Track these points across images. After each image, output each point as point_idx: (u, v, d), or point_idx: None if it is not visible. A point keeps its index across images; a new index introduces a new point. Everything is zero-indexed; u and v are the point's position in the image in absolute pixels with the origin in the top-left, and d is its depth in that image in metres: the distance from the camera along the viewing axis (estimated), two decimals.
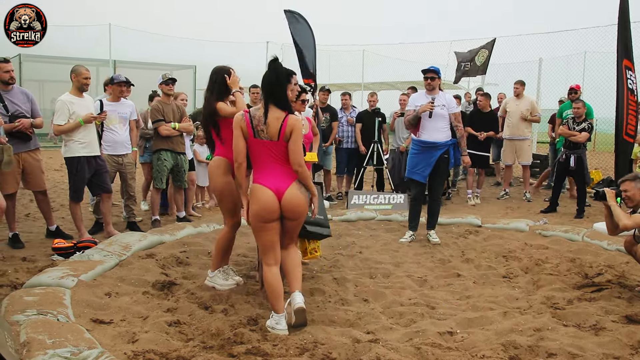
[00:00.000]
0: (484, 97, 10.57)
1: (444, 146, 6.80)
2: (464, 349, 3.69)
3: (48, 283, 4.44)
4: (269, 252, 4.05)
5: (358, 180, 10.45)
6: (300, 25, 9.61)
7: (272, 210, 3.92)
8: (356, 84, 23.75)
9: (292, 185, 3.94)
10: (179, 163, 7.58)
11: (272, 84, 3.95)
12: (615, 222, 4.83)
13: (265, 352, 3.49)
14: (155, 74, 13.65)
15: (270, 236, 4.01)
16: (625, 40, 7.74)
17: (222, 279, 4.88)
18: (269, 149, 3.93)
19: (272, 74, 3.96)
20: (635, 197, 4.77)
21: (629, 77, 7.54)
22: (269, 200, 3.90)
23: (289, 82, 4.14)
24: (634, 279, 5.28)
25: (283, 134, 3.89)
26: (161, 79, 7.44)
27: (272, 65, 3.98)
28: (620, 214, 4.72)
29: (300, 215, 4.05)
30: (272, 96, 3.95)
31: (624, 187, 4.83)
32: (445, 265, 6.04)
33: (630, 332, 3.91)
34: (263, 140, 3.92)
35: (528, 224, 7.62)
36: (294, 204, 3.95)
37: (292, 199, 3.94)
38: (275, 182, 3.93)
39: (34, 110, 6.42)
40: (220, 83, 4.80)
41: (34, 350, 3.15)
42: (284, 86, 3.99)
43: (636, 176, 4.90)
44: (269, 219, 3.94)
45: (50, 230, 6.81)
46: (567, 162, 8.87)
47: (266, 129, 3.89)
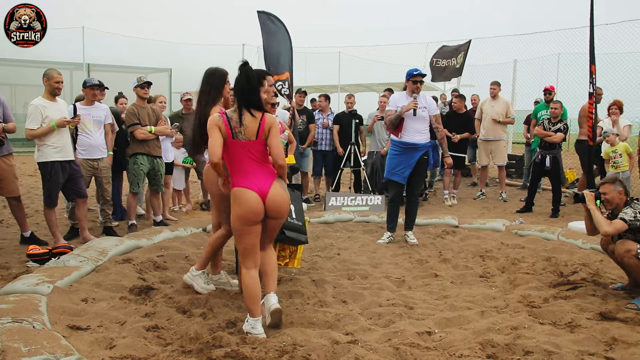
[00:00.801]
0: (459, 98, 10.67)
1: (424, 148, 6.84)
2: (442, 349, 3.71)
3: (23, 290, 4.37)
4: (250, 256, 4.02)
5: (335, 182, 10.47)
6: (275, 27, 9.57)
7: (258, 212, 3.90)
8: (333, 86, 23.81)
9: (274, 185, 3.94)
10: (156, 167, 7.53)
11: (243, 88, 3.94)
12: (594, 224, 4.89)
13: (244, 355, 3.48)
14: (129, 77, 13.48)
15: (252, 239, 3.98)
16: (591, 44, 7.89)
17: (203, 282, 4.87)
18: (248, 149, 3.93)
19: (242, 78, 3.94)
20: (614, 200, 4.83)
21: (592, 82, 7.70)
22: (254, 202, 3.87)
23: (262, 84, 4.12)
24: (607, 276, 5.37)
25: (262, 132, 3.91)
26: (136, 82, 7.37)
27: (243, 70, 3.96)
28: (601, 219, 4.75)
29: (284, 214, 4.06)
30: (245, 100, 3.94)
31: (603, 190, 4.89)
32: (423, 265, 6.08)
33: (605, 329, 3.98)
34: (241, 141, 3.91)
35: (504, 224, 7.70)
36: (278, 203, 3.95)
37: (276, 198, 3.93)
38: (257, 183, 3.91)
39: (6, 114, 6.32)
40: (216, 87, 4.67)
41: (10, 359, 3.10)
42: (256, 90, 3.99)
43: (615, 179, 4.97)
44: (254, 221, 3.91)
45: (25, 237, 6.70)
46: (543, 162, 8.99)
47: (244, 131, 3.89)
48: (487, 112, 10.72)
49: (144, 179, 7.54)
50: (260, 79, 4.10)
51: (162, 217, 7.98)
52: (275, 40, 9.60)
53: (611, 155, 8.69)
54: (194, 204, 9.59)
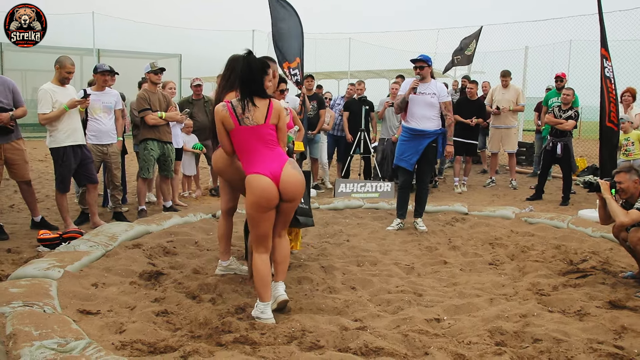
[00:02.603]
0: (473, 84, 10.60)
1: (433, 135, 6.82)
2: (450, 336, 3.72)
3: (34, 274, 4.40)
4: (263, 241, 4.00)
5: (345, 169, 10.45)
6: (286, 12, 9.47)
7: (272, 197, 3.86)
8: (343, 72, 23.73)
9: (286, 166, 3.90)
10: (166, 152, 7.54)
11: (247, 78, 3.91)
12: (608, 212, 4.85)
13: (254, 340, 3.50)
14: (140, 62, 13.51)
15: (267, 226, 3.96)
16: (601, 29, 7.78)
17: (237, 265, 5.00)
18: (256, 133, 3.90)
19: (244, 67, 3.91)
20: (629, 189, 4.77)
21: (606, 66, 7.59)
22: (268, 188, 3.83)
23: (266, 73, 4.09)
24: (617, 265, 5.34)
25: (270, 116, 3.90)
26: (149, 68, 7.35)
27: (246, 59, 3.92)
28: (617, 209, 4.69)
29: (299, 195, 4.00)
30: (248, 89, 3.92)
31: (618, 179, 4.82)
32: (432, 252, 6.07)
33: (614, 317, 3.96)
34: (249, 126, 3.89)
35: (514, 212, 7.67)
36: (292, 185, 3.89)
37: (290, 179, 3.88)
38: (269, 167, 3.87)
39: (17, 100, 6.32)
40: (236, 74, 4.67)
41: (20, 342, 3.13)
42: (260, 80, 3.95)
43: (631, 167, 4.89)
44: (268, 207, 3.88)
45: (35, 221, 6.75)
46: (554, 149, 8.94)
47: (251, 116, 3.88)
48: (498, 100, 10.65)
49: (154, 165, 7.56)
50: (264, 68, 4.05)
51: (172, 203, 8.01)
52: (286, 26, 9.51)
53: (623, 143, 8.60)
54: (204, 189, 9.61)
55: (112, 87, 7.45)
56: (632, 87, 9.57)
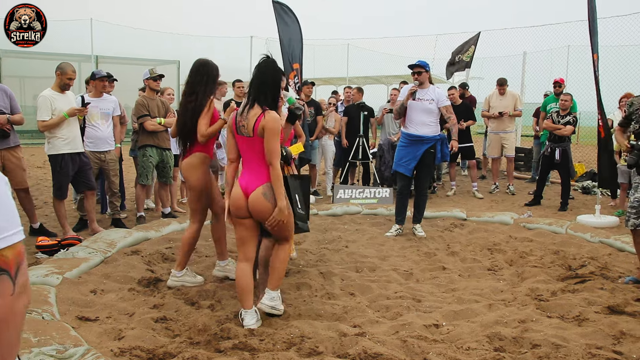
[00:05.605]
0: (453, 89, 10.73)
1: (431, 140, 6.83)
2: (449, 341, 3.71)
3: (32, 281, 4.39)
4: (240, 247, 4.09)
5: (343, 175, 10.45)
6: (288, 18, 9.57)
7: (239, 207, 3.94)
8: (341, 78, 23.75)
9: (258, 189, 3.88)
10: (165, 159, 7.55)
11: (264, 83, 3.91)
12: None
13: (252, 347, 3.50)
14: (138, 69, 13.54)
15: (242, 231, 4.02)
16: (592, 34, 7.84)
17: (190, 277, 4.92)
18: (248, 144, 3.92)
19: (265, 75, 3.92)
20: None
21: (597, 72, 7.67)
22: (236, 198, 3.94)
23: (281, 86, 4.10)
24: (616, 270, 5.35)
25: (256, 129, 3.83)
26: (148, 74, 7.36)
27: (270, 65, 3.95)
28: None
29: (263, 218, 3.95)
30: (262, 96, 3.89)
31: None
32: (431, 258, 6.07)
33: (613, 323, 3.96)
34: (243, 136, 3.91)
35: (512, 217, 7.68)
36: (256, 208, 3.90)
37: (254, 202, 3.89)
38: (248, 181, 3.92)
39: (13, 106, 6.32)
40: (213, 80, 4.72)
41: (19, 349, 3.12)
42: (266, 84, 3.92)
43: None
44: (238, 214, 3.98)
45: (34, 228, 6.74)
46: (552, 155, 8.95)
47: (246, 124, 3.88)
48: (495, 106, 10.68)
49: (152, 171, 7.56)
50: (281, 78, 4.05)
51: (171, 209, 8.01)
52: (288, 32, 9.61)
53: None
54: None
55: (110, 93, 7.45)
56: (630, 93, 9.59)
